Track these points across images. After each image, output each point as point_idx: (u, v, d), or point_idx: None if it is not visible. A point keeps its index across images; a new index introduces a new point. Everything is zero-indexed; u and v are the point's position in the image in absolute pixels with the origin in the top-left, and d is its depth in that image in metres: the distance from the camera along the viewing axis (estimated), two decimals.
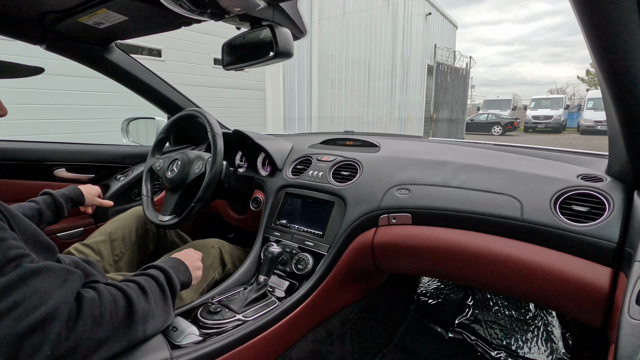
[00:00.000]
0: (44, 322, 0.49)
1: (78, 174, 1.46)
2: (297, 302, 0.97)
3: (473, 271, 0.95)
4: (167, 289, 0.71)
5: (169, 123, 1.32)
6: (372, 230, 1.05)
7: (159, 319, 0.68)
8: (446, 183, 1.01)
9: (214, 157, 1.12)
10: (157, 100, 1.55)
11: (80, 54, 1.26)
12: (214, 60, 5.28)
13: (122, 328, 0.59)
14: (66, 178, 1.43)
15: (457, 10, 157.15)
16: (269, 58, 0.95)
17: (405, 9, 9.57)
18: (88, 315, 0.54)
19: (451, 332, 1.53)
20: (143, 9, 0.93)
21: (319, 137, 1.53)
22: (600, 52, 0.57)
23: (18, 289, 0.49)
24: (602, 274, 0.75)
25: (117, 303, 0.59)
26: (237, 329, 0.82)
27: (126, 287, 0.63)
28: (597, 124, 14.59)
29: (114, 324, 0.58)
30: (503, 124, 16.88)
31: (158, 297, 0.68)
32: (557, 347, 1.35)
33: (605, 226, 0.77)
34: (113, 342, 0.58)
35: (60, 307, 0.51)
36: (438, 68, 10.88)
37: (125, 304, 0.61)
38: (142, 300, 0.64)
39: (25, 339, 0.47)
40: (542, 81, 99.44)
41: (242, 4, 0.78)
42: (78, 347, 0.52)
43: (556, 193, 0.86)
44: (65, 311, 0.51)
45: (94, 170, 1.51)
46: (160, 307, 0.68)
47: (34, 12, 0.98)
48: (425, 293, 1.68)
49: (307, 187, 1.21)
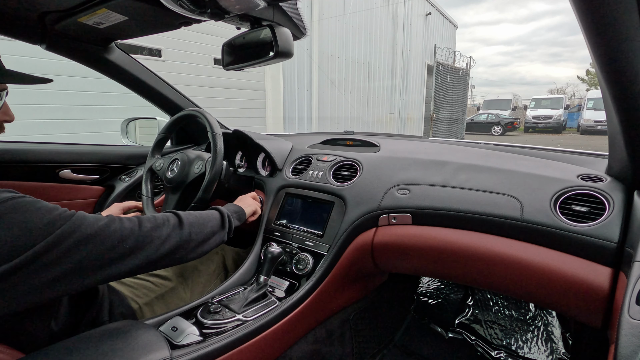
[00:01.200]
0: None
1: (83, 175, 1.46)
2: (297, 302, 0.97)
3: (473, 271, 0.95)
4: (219, 219, 0.89)
5: (169, 123, 1.32)
6: (372, 230, 1.05)
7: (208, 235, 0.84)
8: (446, 183, 1.01)
9: (214, 157, 1.12)
10: (157, 101, 1.55)
11: (80, 54, 1.26)
12: (214, 60, 5.28)
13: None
14: (71, 179, 1.43)
15: (457, 10, 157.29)
16: (269, 58, 0.95)
17: (405, 9, 9.56)
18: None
19: (451, 332, 1.53)
20: (143, 9, 0.93)
21: (319, 137, 1.53)
22: (600, 52, 0.57)
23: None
24: (602, 274, 0.75)
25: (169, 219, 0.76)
26: (237, 329, 0.82)
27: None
28: (597, 124, 14.58)
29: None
30: (503, 124, 16.88)
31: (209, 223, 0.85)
32: (557, 347, 1.35)
33: (605, 226, 0.77)
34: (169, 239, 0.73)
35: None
36: (438, 68, 10.89)
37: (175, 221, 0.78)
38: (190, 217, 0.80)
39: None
40: (542, 81, 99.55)
41: (242, 4, 0.78)
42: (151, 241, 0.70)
43: (556, 193, 0.86)
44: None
45: (98, 171, 1.51)
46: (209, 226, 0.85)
47: (34, 12, 0.98)
48: (425, 293, 1.68)
49: (307, 187, 1.21)
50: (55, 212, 0.59)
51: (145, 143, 1.72)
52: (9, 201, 0.56)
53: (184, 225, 0.77)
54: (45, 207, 0.59)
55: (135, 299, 0.92)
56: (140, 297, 0.94)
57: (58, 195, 1.40)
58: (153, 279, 1.00)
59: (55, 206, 0.61)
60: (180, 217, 0.78)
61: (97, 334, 0.65)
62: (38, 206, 0.58)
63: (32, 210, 0.57)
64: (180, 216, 0.79)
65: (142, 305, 0.92)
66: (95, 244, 0.61)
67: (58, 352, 0.60)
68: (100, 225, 0.63)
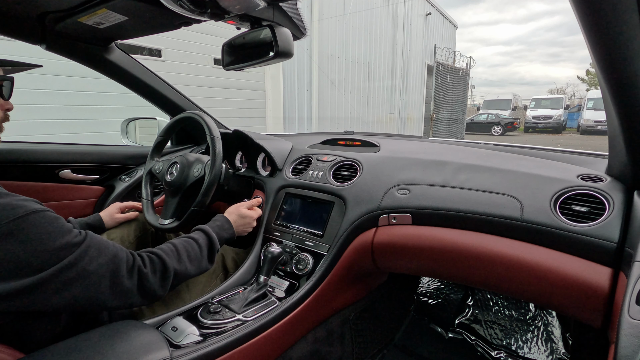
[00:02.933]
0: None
1: (83, 175, 1.46)
2: (297, 302, 0.97)
3: (473, 271, 0.95)
4: (205, 249, 0.90)
5: (168, 126, 1.32)
6: (372, 230, 1.05)
7: (192, 272, 0.85)
8: (446, 183, 1.01)
9: (213, 160, 1.12)
10: (157, 101, 1.55)
11: (80, 54, 1.26)
12: (214, 60, 5.27)
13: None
14: (71, 179, 1.43)
15: (455, 11, 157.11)
16: (269, 58, 0.95)
17: (405, 9, 9.56)
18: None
19: (451, 332, 1.53)
20: (143, 9, 0.93)
21: (319, 137, 1.53)
22: (600, 52, 0.57)
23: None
24: (602, 274, 0.75)
25: (155, 264, 0.77)
26: (237, 329, 0.82)
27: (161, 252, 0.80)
28: (597, 124, 14.57)
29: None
30: (503, 124, 16.88)
31: (194, 256, 0.86)
32: (557, 347, 1.35)
33: (605, 226, 0.77)
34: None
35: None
36: (438, 68, 10.89)
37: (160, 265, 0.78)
38: (174, 261, 0.81)
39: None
40: (542, 81, 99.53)
41: (242, 4, 0.78)
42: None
43: (556, 193, 0.86)
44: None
45: (98, 171, 1.51)
46: (194, 263, 0.86)
47: (34, 12, 0.98)
48: (425, 293, 1.68)
49: (307, 187, 1.21)
50: (67, 237, 0.62)
51: (145, 143, 1.72)
52: (32, 215, 0.58)
53: (175, 275, 0.80)
54: (60, 230, 0.61)
55: None
56: None
57: (58, 195, 1.40)
58: None
59: (69, 228, 0.63)
60: (172, 269, 0.79)
61: (97, 334, 0.65)
62: (55, 226, 0.61)
63: (49, 231, 0.59)
64: (172, 267, 0.79)
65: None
66: (91, 282, 0.64)
67: (58, 352, 0.60)
68: (100, 262, 0.66)
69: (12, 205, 0.57)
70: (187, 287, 1.03)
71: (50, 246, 0.58)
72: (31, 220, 0.57)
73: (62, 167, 1.40)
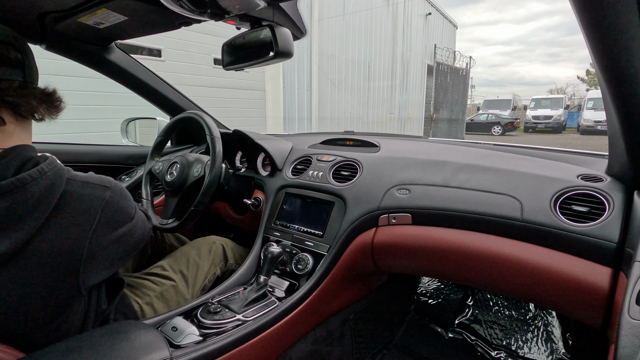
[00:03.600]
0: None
1: None
2: (297, 302, 0.97)
3: (473, 271, 0.95)
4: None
5: (168, 126, 1.32)
6: (372, 230, 1.05)
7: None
8: (446, 183, 1.01)
9: (212, 160, 1.12)
10: (157, 101, 1.54)
11: (80, 54, 1.25)
12: (214, 60, 5.27)
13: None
14: None
15: (455, 11, 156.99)
16: (269, 58, 0.95)
17: (405, 9, 9.56)
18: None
19: (451, 332, 1.53)
20: (143, 9, 0.93)
21: (319, 137, 1.53)
22: (600, 52, 0.57)
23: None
24: (602, 274, 0.75)
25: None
26: (237, 329, 0.82)
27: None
28: (597, 124, 14.57)
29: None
30: (503, 124, 16.88)
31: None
32: (557, 347, 1.35)
33: (605, 226, 0.77)
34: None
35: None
36: (438, 68, 10.89)
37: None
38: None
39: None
40: (541, 81, 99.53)
41: (242, 4, 0.78)
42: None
43: (556, 193, 0.86)
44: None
45: (98, 171, 1.50)
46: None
47: (34, 12, 0.98)
48: (425, 293, 1.68)
49: (307, 187, 1.21)
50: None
51: (145, 143, 1.72)
52: (116, 185, 0.74)
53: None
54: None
55: (136, 298, 0.92)
56: (140, 296, 0.94)
57: None
58: (152, 277, 1.00)
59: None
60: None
61: (97, 334, 0.65)
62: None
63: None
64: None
65: (143, 305, 0.92)
66: (137, 230, 0.78)
67: (58, 352, 0.60)
68: (141, 217, 0.81)
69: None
70: (188, 282, 1.04)
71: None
72: (118, 187, 0.77)
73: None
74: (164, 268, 1.04)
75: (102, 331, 0.67)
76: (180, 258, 1.09)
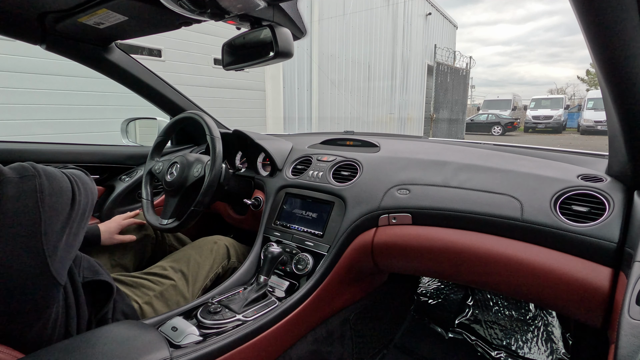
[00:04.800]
0: None
1: None
2: (297, 302, 0.97)
3: (473, 271, 0.95)
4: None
5: (168, 126, 1.32)
6: (372, 230, 1.05)
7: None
8: (446, 183, 1.01)
9: (212, 160, 1.12)
10: (157, 101, 1.54)
11: (80, 54, 1.26)
12: (214, 60, 5.27)
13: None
14: None
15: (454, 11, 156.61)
16: (269, 58, 0.95)
17: (405, 9, 9.56)
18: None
19: (451, 332, 1.53)
20: (143, 9, 0.93)
21: (319, 137, 1.53)
22: (600, 52, 0.57)
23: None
24: (602, 274, 0.75)
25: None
26: (237, 329, 0.82)
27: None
28: (597, 124, 14.57)
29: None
30: (503, 124, 16.88)
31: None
32: (557, 347, 1.35)
33: (605, 226, 0.77)
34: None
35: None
36: (438, 68, 10.89)
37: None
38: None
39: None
40: (541, 81, 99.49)
41: (242, 4, 0.78)
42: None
43: (556, 193, 0.86)
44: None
45: (98, 171, 1.50)
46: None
47: (34, 12, 0.98)
48: (425, 293, 1.68)
49: (307, 187, 1.21)
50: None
51: (145, 143, 1.72)
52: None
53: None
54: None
55: (135, 298, 0.92)
56: (140, 296, 0.94)
57: None
58: (152, 277, 1.00)
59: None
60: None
61: (97, 335, 0.65)
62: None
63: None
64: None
65: (142, 304, 0.92)
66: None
67: (58, 352, 0.60)
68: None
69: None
70: (188, 281, 1.05)
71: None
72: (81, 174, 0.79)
73: (62, 167, 1.40)
74: (164, 268, 1.04)
75: (102, 331, 0.67)
76: (180, 258, 1.09)
